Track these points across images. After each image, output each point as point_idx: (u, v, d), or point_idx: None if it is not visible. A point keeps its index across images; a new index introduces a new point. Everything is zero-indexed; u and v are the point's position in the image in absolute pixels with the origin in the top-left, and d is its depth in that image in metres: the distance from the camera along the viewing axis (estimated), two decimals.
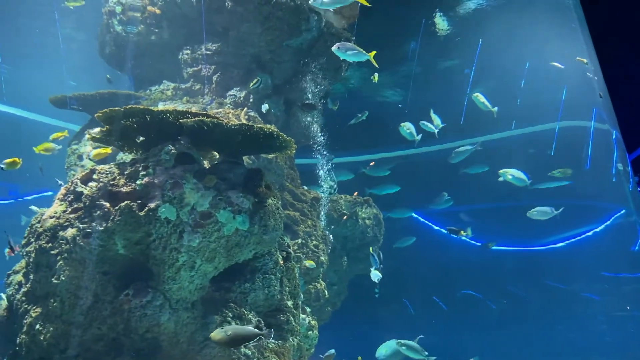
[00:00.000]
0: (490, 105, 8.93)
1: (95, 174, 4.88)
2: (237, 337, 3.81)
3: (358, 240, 9.81)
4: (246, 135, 4.84)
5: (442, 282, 14.34)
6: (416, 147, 13.35)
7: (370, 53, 6.40)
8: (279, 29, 8.19)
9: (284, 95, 9.24)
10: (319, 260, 8.23)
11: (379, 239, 10.19)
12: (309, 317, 6.72)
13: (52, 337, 4.34)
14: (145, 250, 4.60)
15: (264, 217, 5.05)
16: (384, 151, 13.96)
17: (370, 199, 10.24)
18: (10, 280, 5.37)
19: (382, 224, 10.27)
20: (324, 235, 8.73)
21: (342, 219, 9.57)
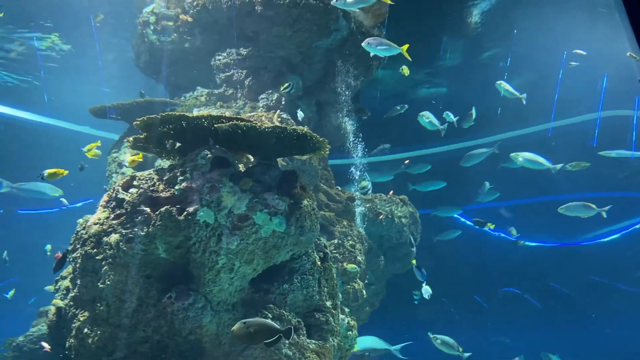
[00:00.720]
0: (517, 92, 8.66)
1: (136, 180, 5.01)
2: (260, 334, 3.78)
3: (394, 239, 9.72)
4: (280, 137, 4.86)
5: (482, 280, 14.07)
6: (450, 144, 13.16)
7: (402, 47, 6.31)
8: (308, 30, 8.22)
9: (315, 96, 9.27)
10: (356, 260, 8.21)
11: (415, 237, 10.08)
12: (347, 318, 6.69)
13: (99, 340, 4.48)
14: (185, 254, 4.68)
15: (300, 218, 5.06)
16: (420, 149, 13.80)
17: (406, 197, 10.14)
18: (59, 286, 5.58)
19: (418, 223, 10.15)
20: (360, 235, 8.70)
21: (378, 218, 9.50)
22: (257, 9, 8.03)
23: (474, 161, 10.09)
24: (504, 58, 11.05)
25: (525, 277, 14.08)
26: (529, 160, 8.69)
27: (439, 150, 13.78)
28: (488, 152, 9.93)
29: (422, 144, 13.72)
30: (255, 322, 3.72)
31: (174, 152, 5.50)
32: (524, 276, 14.03)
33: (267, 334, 3.78)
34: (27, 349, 7.40)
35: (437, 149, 13.83)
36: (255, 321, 3.73)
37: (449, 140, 13.40)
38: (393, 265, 9.99)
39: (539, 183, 11.71)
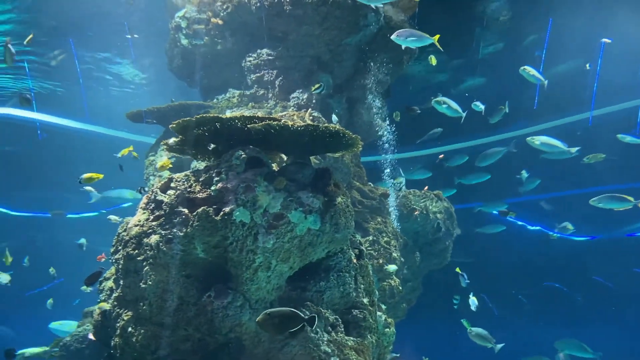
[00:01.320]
0: (542, 77, 8.39)
1: (173, 182, 5.11)
2: (283, 324, 3.76)
3: (430, 235, 9.62)
4: (312, 135, 4.87)
5: (522, 275, 13.76)
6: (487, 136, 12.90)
7: (434, 37, 6.19)
8: (337, 27, 8.21)
9: (345, 93, 9.26)
10: (391, 257, 8.16)
11: (451, 232, 9.95)
12: (384, 314, 6.66)
13: (143, 339, 4.60)
14: (223, 253, 4.75)
15: (335, 215, 5.06)
16: (454, 142, 13.56)
17: (441, 192, 10.01)
18: (102, 287, 5.76)
19: (454, 218, 10.01)
20: (395, 232, 8.64)
21: (413, 214, 9.42)
22: (286, 8, 8.07)
23: (489, 160, 9.91)
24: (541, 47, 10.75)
25: (567, 271, 13.68)
26: (545, 144, 8.45)
27: (476, 143, 13.51)
28: (504, 151, 9.71)
29: (458, 137, 13.48)
30: (279, 311, 3.72)
31: (209, 154, 5.60)
32: (566, 270, 13.64)
33: (291, 323, 3.76)
34: (74, 349, 7.67)
35: (474, 141, 13.57)
36: (279, 311, 3.73)
37: (486, 133, 13.14)
38: (429, 261, 9.88)
39: (581, 174, 11.34)
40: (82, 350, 7.49)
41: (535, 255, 13.60)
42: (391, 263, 8.15)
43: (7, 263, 7.58)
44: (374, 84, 9.03)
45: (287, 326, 3.72)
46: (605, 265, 13.57)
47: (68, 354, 7.49)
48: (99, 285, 5.80)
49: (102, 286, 5.69)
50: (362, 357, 4.88)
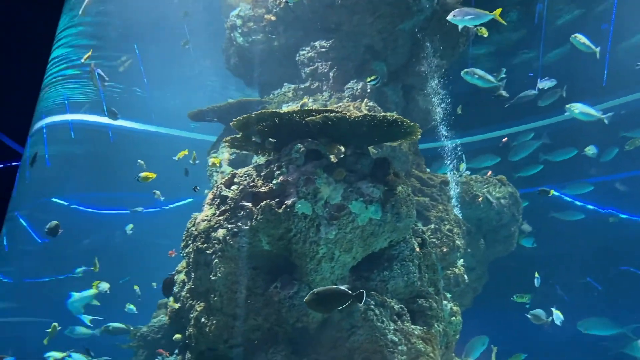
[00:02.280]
0: (593, 46, 7.86)
1: (236, 177, 5.29)
2: (330, 302, 3.73)
3: (494, 221, 9.34)
4: (370, 125, 4.87)
5: (594, 261, 13.05)
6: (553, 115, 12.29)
7: (494, 11, 5.92)
8: (389, 15, 8.11)
9: (401, 80, 9.13)
10: (455, 245, 8.01)
11: (517, 218, 9.61)
12: (450, 303, 6.57)
13: (216, 329, 4.81)
14: (287, 245, 4.86)
15: (396, 204, 5.05)
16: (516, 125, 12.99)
17: (504, 177, 9.68)
18: (175, 279, 6.05)
19: (519, 203, 9.65)
20: (457, 219, 8.47)
21: (475, 200, 9.18)
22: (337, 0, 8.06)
23: (522, 154, 9.45)
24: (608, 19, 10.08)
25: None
26: (583, 113, 7.95)
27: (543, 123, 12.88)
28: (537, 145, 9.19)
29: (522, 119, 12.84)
30: (325, 290, 3.73)
31: (269, 148, 5.73)
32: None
33: (338, 301, 3.74)
34: (151, 338, 8.12)
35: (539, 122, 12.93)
36: (325, 289, 3.73)
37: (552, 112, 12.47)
38: (494, 249, 9.61)
39: None
40: (159, 340, 7.91)
41: (608, 239, 12.86)
42: (454, 251, 8.01)
43: (96, 269, 8.16)
44: (429, 69, 8.85)
45: (334, 303, 3.71)
46: None
47: (145, 344, 7.94)
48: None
49: (175, 278, 5.99)
50: (430, 345, 4.86)
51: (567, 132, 11.74)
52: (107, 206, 15.37)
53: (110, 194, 15.33)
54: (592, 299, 13.34)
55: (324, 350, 4.79)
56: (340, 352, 4.76)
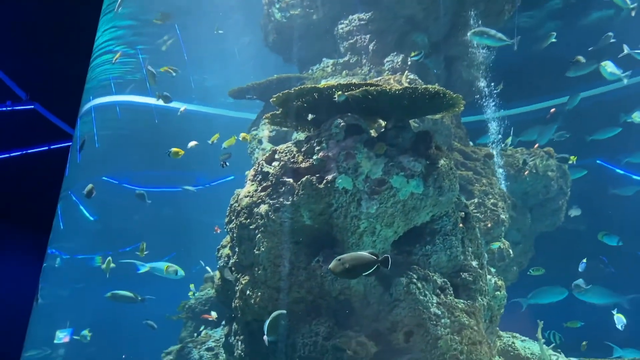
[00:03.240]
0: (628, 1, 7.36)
1: (277, 154, 5.34)
2: (355, 268, 3.68)
3: (541, 195, 9.08)
4: (411, 98, 4.79)
5: None
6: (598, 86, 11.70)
7: None
8: None
9: (443, 52, 8.88)
10: (499, 219, 7.85)
11: (565, 191, 9.30)
12: (494, 277, 6.48)
13: (261, 301, 4.93)
14: (328, 220, 4.90)
15: (438, 178, 4.98)
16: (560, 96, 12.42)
17: (552, 149, 9.34)
18: (220, 254, 6.22)
19: (567, 176, 9.32)
20: (502, 193, 8.27)
21: (521, 174, 8.93)
22: None
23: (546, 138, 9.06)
24: None
25: None
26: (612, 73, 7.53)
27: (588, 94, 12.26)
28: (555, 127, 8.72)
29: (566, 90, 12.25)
30: (349, 256, 3.68)
31: (309, 124, 5.74)
32: None
33: (364, 267, 3.69)
34: (198, 310, 8.44)
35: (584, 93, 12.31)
36: (349, 256, 3.69)
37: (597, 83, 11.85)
38: (541, 223, 9.37)
39: None
40: (206, 312, 8.22)
41: None
42: (499, 225, 7.85)
43: (142, 254, 8.49)
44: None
45: (359, 269, 3.67)
46: None
47: (193, 315, 8.26)
48: (216, 253, 6.28)
49: (219, 254, 6.15)
50: (474, 319, 4.83)
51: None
52: (155, 184, 15.84)
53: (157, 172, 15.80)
54: None
55: (367, 323, 4.85)
56: (383, 325, 4.80)
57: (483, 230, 7.56)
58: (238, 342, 5.27)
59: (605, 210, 11.45)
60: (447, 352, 4.51)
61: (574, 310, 9.70)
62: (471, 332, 4.68)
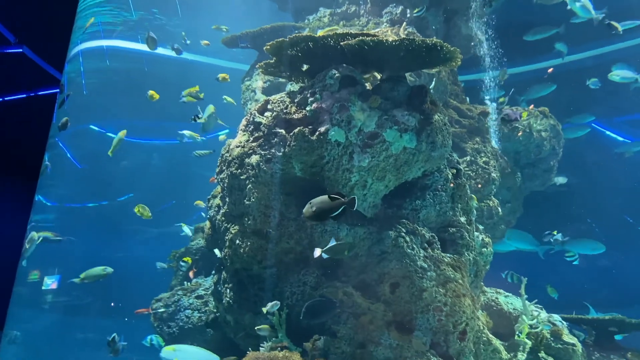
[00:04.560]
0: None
1: (270, 104, 5.25)
2: (322, 210, 3.79)
3: (533, 154, 9.08)
4: (408, 50, 4.67)
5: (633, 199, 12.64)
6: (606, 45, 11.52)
7: None
8: None
9: (443, 5, 8.64)
10: (490, 177, 7.88)
11: (557, 152, 9.31)
12: (482, 235, 6.56)
13: (250, 250, 4.97)
14: (320, 172, 4.87)
15: (431, 133, 4.94)
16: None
17: (547, 109, 9.28)
18: (211, 204, 6.23)
19: (561, 136, 9.31)
20: (495, 152, 8.27)
21: (515, 133, 8.90)
22: None
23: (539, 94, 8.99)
24: None
25: None
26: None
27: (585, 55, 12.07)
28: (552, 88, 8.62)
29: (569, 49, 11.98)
30: (318, 200, 3.78)
31: (303, 74, 5.61)
32: None
33: (332, 209, 3.79)
34: None
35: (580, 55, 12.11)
36: (318, 199, 3.78)
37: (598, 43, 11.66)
38: (531, 182, 9.42)
39: None
40: (197, 261, 8.30)
41: None
42: (490, 184, 7.89)
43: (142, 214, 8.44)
44: None
45: (327, 212, 3.78)
46: None
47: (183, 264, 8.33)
48: (207, 203, 6.29)
49: (210, 204, 6.15)
50: (459, 273, 4.91)
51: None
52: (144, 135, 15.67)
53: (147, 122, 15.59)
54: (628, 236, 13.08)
55: (354, 274, 4.91)
56: (370, 276, 4.88)
57: (474, 187, 7.60)
58: (227, 290, 5.35)
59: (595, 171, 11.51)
60: (432, 304, 4.60)
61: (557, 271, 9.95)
62: (456, 285, 4.77)
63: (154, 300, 7.25)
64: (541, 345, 6.66)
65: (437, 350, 4.56)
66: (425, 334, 4.56)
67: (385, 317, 4.63)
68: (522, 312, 6.88)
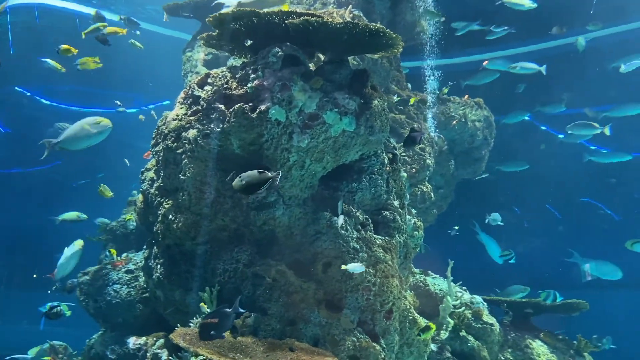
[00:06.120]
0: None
1: (210, 78, 5.13)
2: (251, 183, 3.92)
3: (467, 143, 9.49)
4: (351, 33, 4.70)
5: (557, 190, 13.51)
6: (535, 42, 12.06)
7: None
8: None
9: None
10: (425, 164, 8.15)
11: (489, 142, 9.77)
12: (414, 218, 6.81)
13: (183, 226, 4.89)
14: (258, 150, 4.85)
15: (370, 118, 5.03)
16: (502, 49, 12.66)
17: (482, 100, 9.68)
18: (144, 177, 6.05)
19: (493, 127, 9.77)
20: (431, 138, 8.55)
21: (451, 123, 9.24)
22: None
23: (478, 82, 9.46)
24: None
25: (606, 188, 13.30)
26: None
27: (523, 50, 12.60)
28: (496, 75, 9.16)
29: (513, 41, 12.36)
30: (247, 174, 3.89)
31: (246, 50, 5.52)
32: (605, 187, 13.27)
33: (259, 183, 3.91)
34: (119, 233, 8.27)
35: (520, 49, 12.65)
36: (247, 174, 3.89)
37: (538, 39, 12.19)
38: (464, 170, 9.86)
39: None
40: (127, 235, 8.07)
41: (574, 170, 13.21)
42: (424, 170, 8.17)
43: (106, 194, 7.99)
44: None
45: (255, 186, 3.89)
46: None
47: (114, 237, 8.09)
48: (140, 176, 6.09)
49: (143, 176, 5.97)
50: (389, 254, 5.09)
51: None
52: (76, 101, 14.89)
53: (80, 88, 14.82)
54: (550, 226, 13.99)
55: (289, 253, 4.97)
56: (304, 255, 4.95)
57: (409, 172, 7.84)
58: (157, 266, 5.25)
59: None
60: (361, 284, 4.75)
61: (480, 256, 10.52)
62: (385, 266, 4.94)
63: (80, 274, 7.00)
64: (463, 324, 7.08)
65: (364, 328, 4.73)
66: (353, 312, 4.71)
67: (317, 296, 4.73)
68: (447, 293, 7.24)
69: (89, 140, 4.28)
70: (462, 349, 6.89)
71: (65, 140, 4.23)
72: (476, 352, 6.87)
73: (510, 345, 7.65)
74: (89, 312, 6.75)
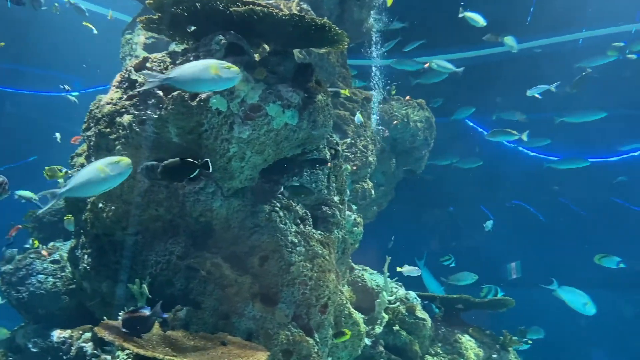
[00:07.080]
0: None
1: (149, 62, 4.93)
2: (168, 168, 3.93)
3: (408, 143, 9.70)
4: (297, 26, 4.65)
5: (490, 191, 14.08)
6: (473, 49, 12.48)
7: None
8: None
9: None
10: (367, 161, 8.26)
11: (429, 142, 10.03)
12: (354, 214, 6.88)
13: (114, 215, 4.68)
14: (197, 140, 4.71)
15: (313, 112, 5.01)
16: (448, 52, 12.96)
17: (424, 102, 9.92)
18: (74, 162, 5.74)
19: (433, 128, 10.04)
20: (374, 136, 8.67)
21: (393, 122, 9.41)
22: None
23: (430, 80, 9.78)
24: None
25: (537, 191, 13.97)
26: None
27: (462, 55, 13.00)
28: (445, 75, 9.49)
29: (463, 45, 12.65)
30: (172, 160, 3.89)
31: (187, 36, 5.35)
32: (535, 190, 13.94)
33: (189, 172, 3.91)
34: (47, 220, 7.83)
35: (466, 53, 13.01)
36: (172, 161, 3.89)
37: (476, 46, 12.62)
38: (404, 168, 10.07)
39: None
40: (56, 223, 7.65)
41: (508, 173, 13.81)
42: (366, 167, 8.28)
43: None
44: None
45: (183, 173, 3.88)
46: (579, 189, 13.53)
47: (41, 226, 7.65)
48: (70, 161, 5.78)
49: (73, 162, 5.67)
50: (327, 249, 5.11)
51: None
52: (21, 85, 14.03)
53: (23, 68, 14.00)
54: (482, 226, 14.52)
55: (225, 246, 4.87)
56: (241, 248, 4.87)
57: (351, 169, 7.91)
58: (84, 256, 5.00)
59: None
60: (298, 277, 4.74)
61: None
62: (322, 261, 4.95)
63: (2, 262, 6.56)
64: (397, 319, 7.23)
65: (298, 322, 4.72)
66: (288, 306, 4.69)
67: (252, 290, 4.67)
68: (383, 288, 7.37)
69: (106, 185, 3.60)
70: (395, 343, 7.04)
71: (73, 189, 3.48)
72: (408, 346, 7.05)
73: (441, 340, 7.90)
74: (10, 303, 6.36)
